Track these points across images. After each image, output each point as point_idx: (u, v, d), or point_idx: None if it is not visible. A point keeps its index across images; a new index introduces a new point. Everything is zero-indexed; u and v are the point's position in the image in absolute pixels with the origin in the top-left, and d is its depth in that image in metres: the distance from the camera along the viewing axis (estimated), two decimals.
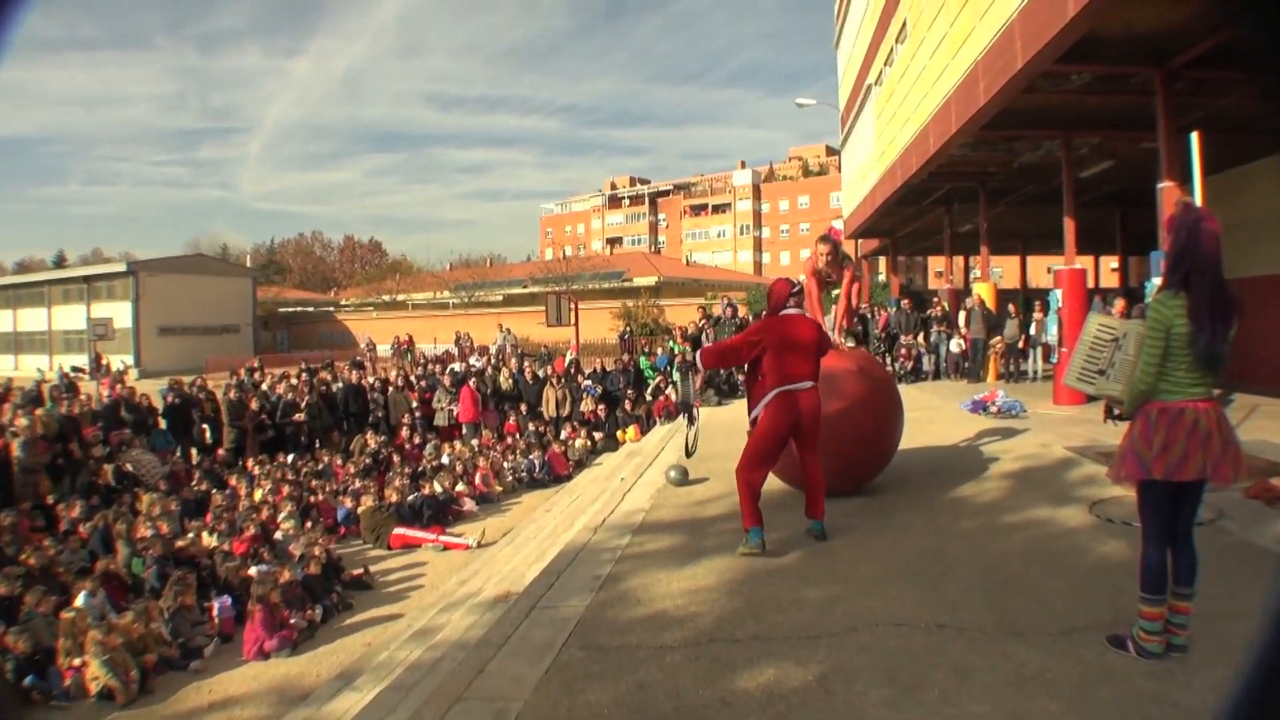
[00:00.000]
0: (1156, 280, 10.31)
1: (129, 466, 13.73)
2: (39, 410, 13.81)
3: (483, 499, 14.43)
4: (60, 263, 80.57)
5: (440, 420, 18.17)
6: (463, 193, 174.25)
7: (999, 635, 4.22)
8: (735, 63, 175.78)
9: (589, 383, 19.42)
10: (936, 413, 12.54)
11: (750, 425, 6.16)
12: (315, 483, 14.05)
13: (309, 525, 11.90)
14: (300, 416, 16.56)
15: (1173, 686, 3.62)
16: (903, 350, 18.82)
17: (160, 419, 15.67)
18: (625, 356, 21.17)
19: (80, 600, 8.45)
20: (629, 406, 18.32)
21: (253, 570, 9.71)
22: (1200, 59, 10.73)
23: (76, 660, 7.64)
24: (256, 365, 19.79)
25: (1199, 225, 3.70)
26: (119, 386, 16.54)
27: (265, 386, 17.40)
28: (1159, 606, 3.83)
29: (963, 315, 18.69)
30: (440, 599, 9.13)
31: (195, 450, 15.89)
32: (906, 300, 21.09)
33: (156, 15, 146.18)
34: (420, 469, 15.17)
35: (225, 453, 15.67)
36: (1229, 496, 5.88)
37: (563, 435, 17.85)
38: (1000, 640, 4.16)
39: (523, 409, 18.88)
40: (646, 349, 22.79)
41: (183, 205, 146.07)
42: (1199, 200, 9.36)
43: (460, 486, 14.37)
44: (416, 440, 17.19)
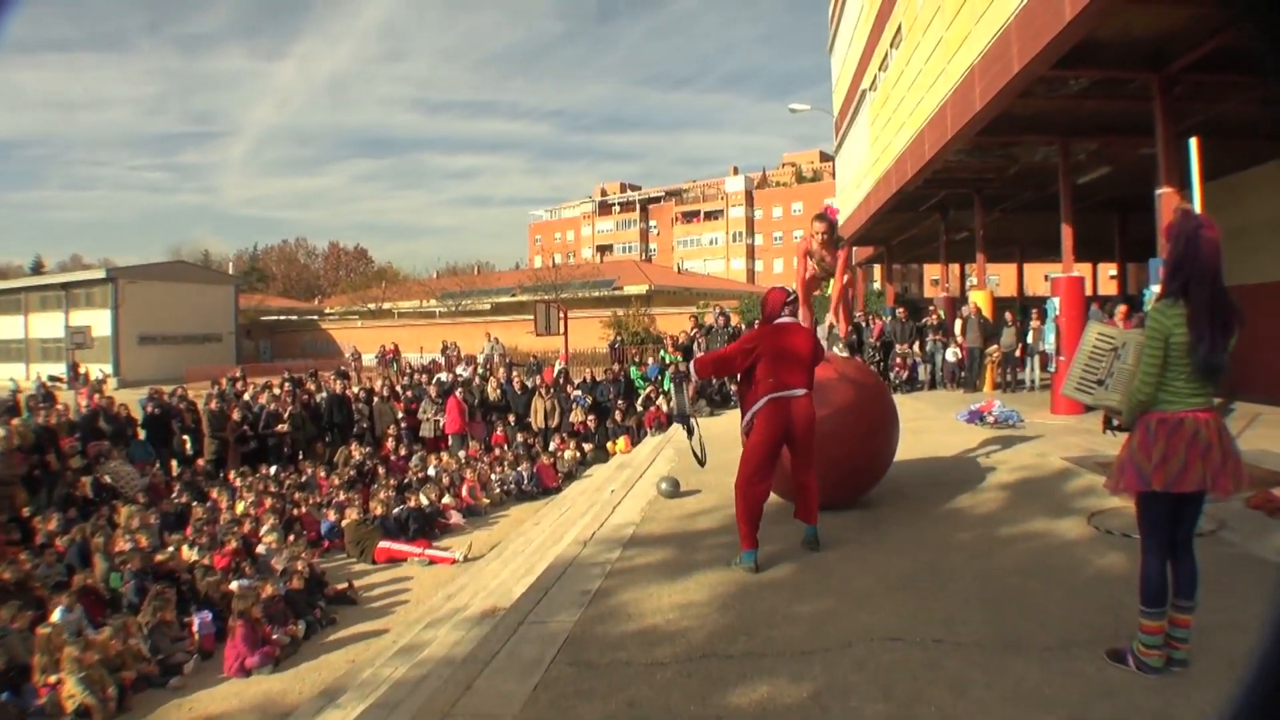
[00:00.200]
0: (1155, 288, 10.37)
1: (107, 478, 13.64)
2: (15, 421, 13.74)
3: (470, 512, 14.36)
4: (38, 269, 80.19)
5: (426, 431, 18.12)
6: (450, 199, 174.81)
7: (996, 650, 4.22)
8: (728, 67, 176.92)
9: (578, 393, 19.39)
10: (932, 423, 12.55)
11: (744, 433, 6.17)
12: (298, 495, 13.95)
13: (292, 539, 11.82)
14: (283, 427, 16.47)
15: (1174, 702, 3.62)
16: (898, 360, 18.86)
17: (139, 430, 15.58)
18: (615, 366, 21.16)
19: (56, 615, 8.38)
20: (619, 417, 18.30)
21: (234, 585, 9.63)
22: (1199, 63, 10.79)
23: (52, 677, 7.56)
24: (238, 375, 19.70)
25: (1198, 233, 3.71)
26: (97, 396, 16.50)
27: (247, 397, 17.31)
28: (1159, 620, 3.83)
29: (959, 324, 18.73)
30: (426, 614, 9.08)
31: (175, 462, 15.81)
32: (901, 309, 21.17)
33: (136, 16, 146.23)
34: (406, 481, 15.10)
35: (206, 464, 15.57)
36: (1230, 507, 5.90)
37: (551, 447, 17.80)
38: (998, 655, 4.16)
39: (510, 420, 18.84)
40: (637, 359, 22.82)
41: (163, 211, 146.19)
42: (1198, 206, 9.40)
43: (447, 499, 14.31)
44: (402, 452, 17.13)
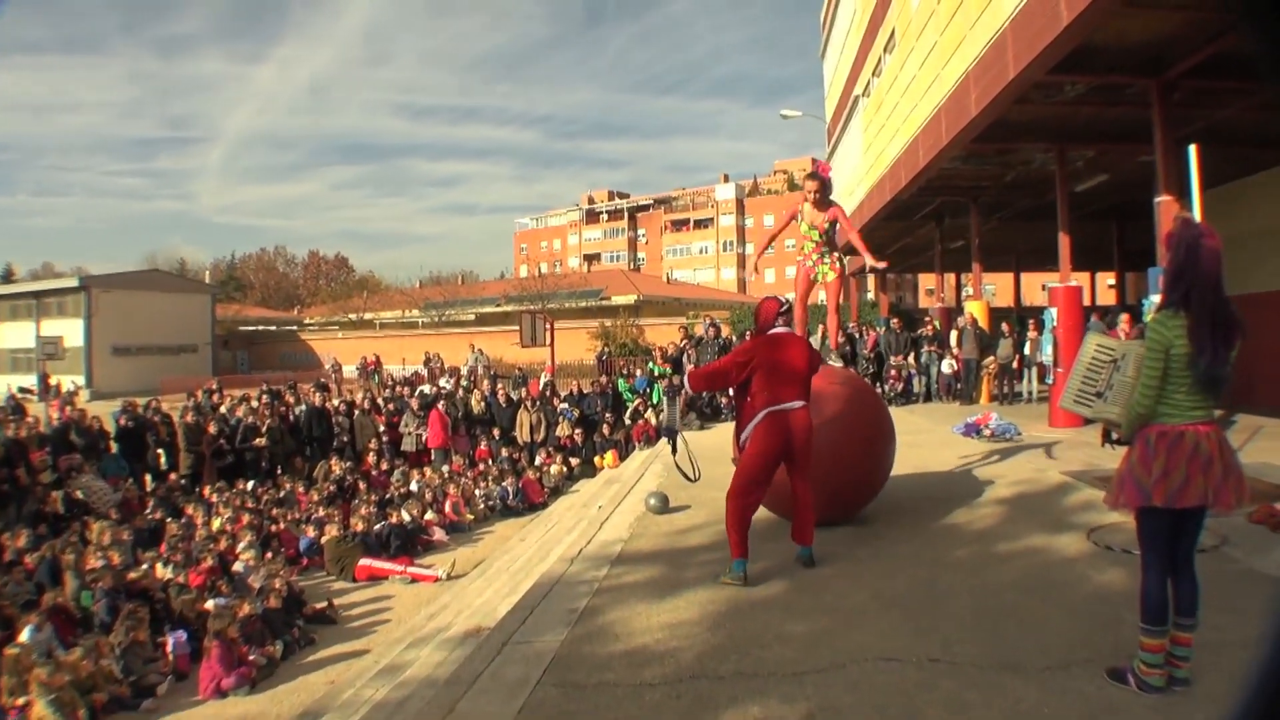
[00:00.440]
0: (1155, 297, 10.42)
1: (79, 493, 13.56)
2: None
3: (453, 528, 14.34)
4: (8, 277, 79.74)
5: (408, 445, 18.10)
6: (434, 207, 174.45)
7: (994, 670, 4.21)
8: (718, 72, 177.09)
9: (565, 406, 19.38)
10: (928, 436, 12.57)
11: (739, 449, 6.16)
12: (276, 511, 13.92)
13: (269, 556, 11.78)
14: (261, 441, 16.41)
15: None
16: (892, 371, 18.89)
17: (112, 443, 15.50)
18: (603, 378, 21.15)
19: (25, 635, 8.32)
20: (607, 431, 18.30)
21: (209, 604, 9.59)
22: (1198, 69, 10.86)
23: (20, 699, 7.50)
24: (215, 387, 19.65)
25: (1199, 242, 3.72)
26: (69, 408, 16.37)
27: (224, 409, 17.24)
28: (1160, 638, 3.83)
29: (954, 335, 18.79)
30: (408, 634, 9.04)
31: (149, 476, 15.74)
32: (896, 319, 21.18)
33: (112, 17, 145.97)
34: (387, 496, 15.06)
35: (181, 479, 15.50)
36: (1232, 522, 5.92)
37: (537, 461, 17.79)
38: (995, 675, 4.15)
39: (495, 434, 18.82)
40: (625, 370, 22.78)
41: (139, 218, 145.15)
42: (1198, 215, 9.47)
43: (429, 515, 14.30)
44: (384, 466, 17.10)
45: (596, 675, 4.49)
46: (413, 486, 15.74)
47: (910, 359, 19.29)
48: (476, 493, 15.76)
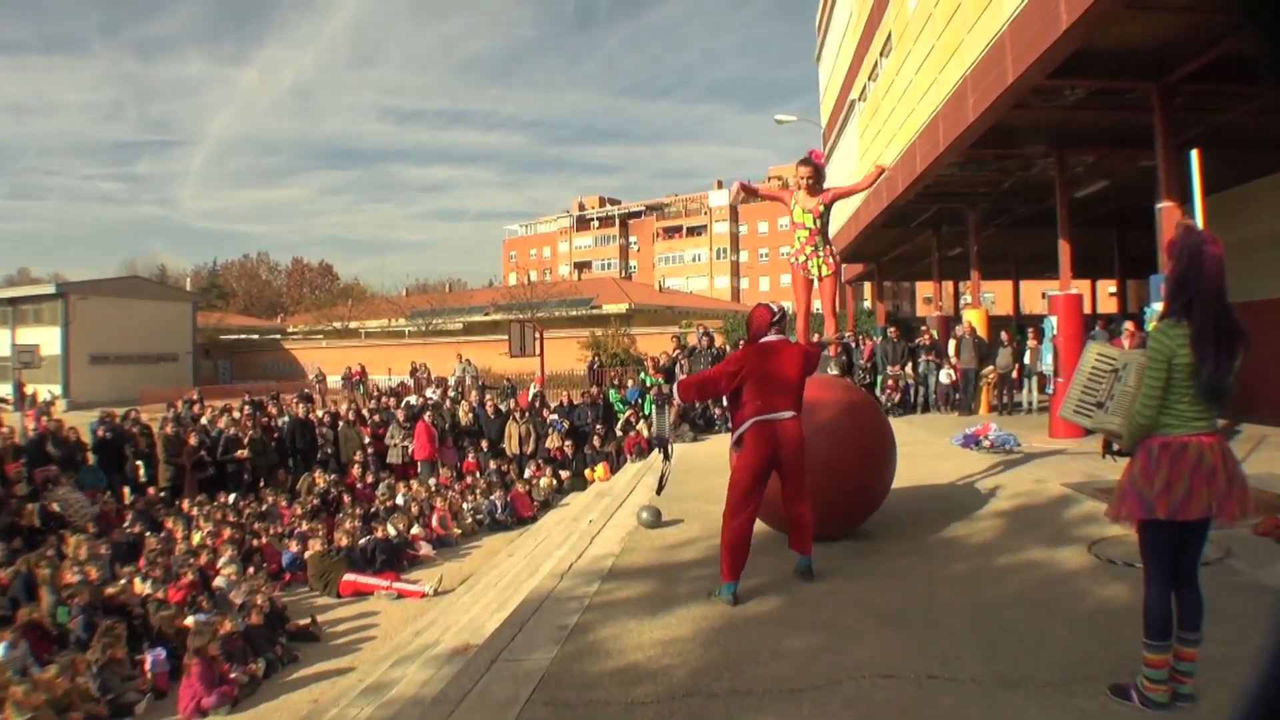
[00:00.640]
0: (1157, 305, 10.44)
1: (55, 506, 13.51)
2: None
3: (440, 543, 14.31)
4: None
5: (394, 458, 18.06)
6: (420, 213, 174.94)
7: (994, 686, 4.21)
8: (711, 77, 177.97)
9: (555, 417, 19.37)
10: (926, 448, 12.58)
11: (734, 450, 6.16)
12: (259, 525, 13.89)
13: (251, 571, 11.76)
14: (243, 453, 16.37)
15: None
16: (889, 381, 18.91)
17: (90, 455, 15.48)
18: (594, 389, 21.17)
19: (0, 653, 8.30)
20: (598, 443, 18.27)
21: (189, 620, 9.57)
22: (1200, 72, 10.90)
23: None
24: (196, 397, 19.63)
25: (1201, 249, 3.73)
26: (45, 419, 16.35)
27: (205, 420, 17.21)
28: (1164, 653, 3.83)
29: (952, 344, 18.80)
30: (394, 651, 9.01)
31: (128, 489, 15.69)
32: (893, 328, 21.22)
33: (91, 18, 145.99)
34: (373, 510, 15.02)
35: (161, 492, 15.47)
36: (1237, 534, 5.93)
37: (526, 474, 17.77)
38: (995, 692, 4.15)
39: (483, 446, 18.80)
40: (617, 381, 22.79)
41: (118, 223, 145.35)
42: (1200, 221, 9.49)
43: (416, 529, 14.26)
44: (369, 479, 17.06)
45: (587, 694, 4.48)
46: (398, 500, 15.69)
47: (908, 369, 19.33)
48: (464, 506, 15.73)
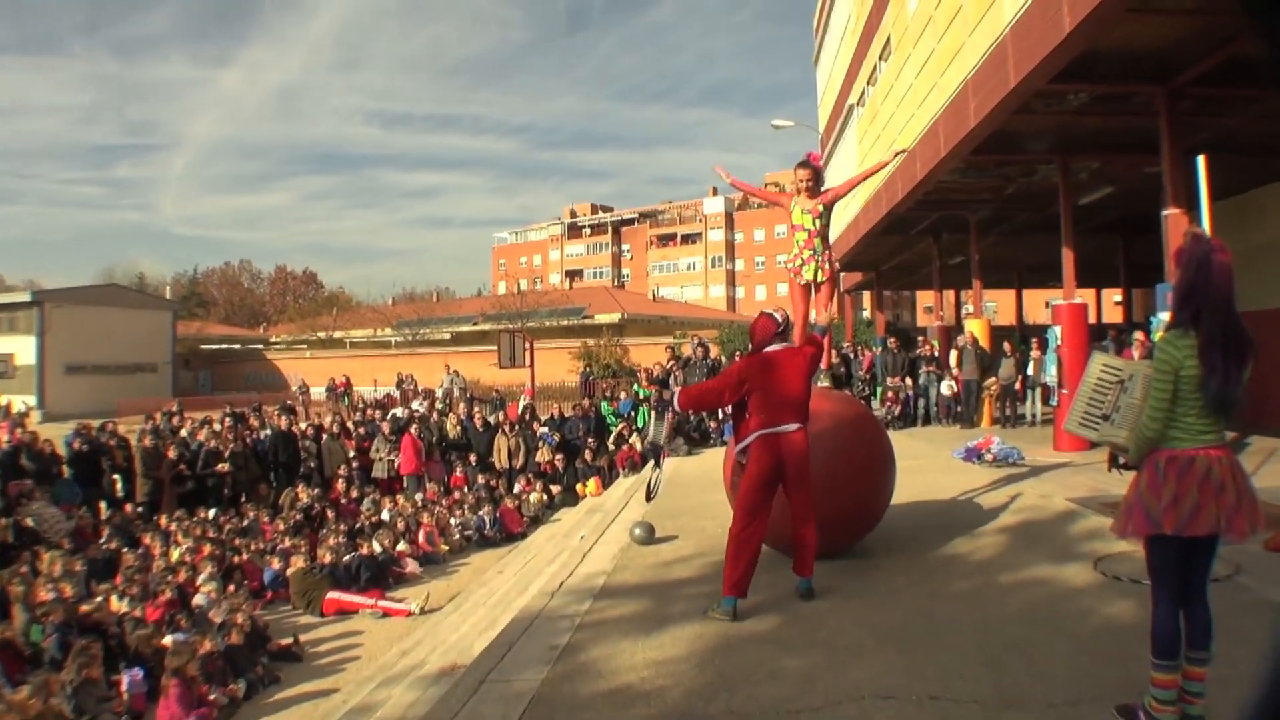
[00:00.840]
0: (1163, 315, 10.47)
1: (29, 521, 13.43)
2: None
3: (427, 560, 14.27)
4: None
5: (380, 472, 18.01)
6: (408, 219, 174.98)
7: (997, 707, 4.20)
8: (707, 80, 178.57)
9: (545, 430, 19.37)
10: (926, 462, 12.59)
11: (739, 463, 6.20)
12: (239, 541, 13.81)
13: (232, 589, 11.69)
14: (224, 467, 16.32)
15: None
16: (889, 393, 18.93)
17: (65, 468, 15.42)
18: (585, 401, 21.16)
19: None
20: (589, 457, 18.27)
21: (168, 639, 9.51)
22: (1206, 76, 10.94)
23: None
24: (175, 409, 19.55)
25: (1210, 258, 3.73)
26: (19, 431, 16.24)
27: (185, 433, 17.16)
28: (1172, 673, 3.82)
29: (954, 355, 18.84)
30: (379, 672, 8.99)
31: (104, 504, 15.65)
32: (893, 339, 21.27)
33: (69, 17, 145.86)
34: (357, 526, 14.97)
35: (138, 507, 15.40)
36: (1246, 550, 5.92)
37: (516, 489, 17.75)
38: (999, 713, 4.14)
39: (472, 460, 18.78)
40: (609, 393, 22.80)
41: (96, 229, 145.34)
42: (1207, 228, 9.53)
43: (402, 546, 14.21)
44: (353, 494, 17.02)
45: (578, 716, 4.46)
46: (384, 515, 15.64)
47: (908, 380, 19.35)
48: (452, 522, 15.70)
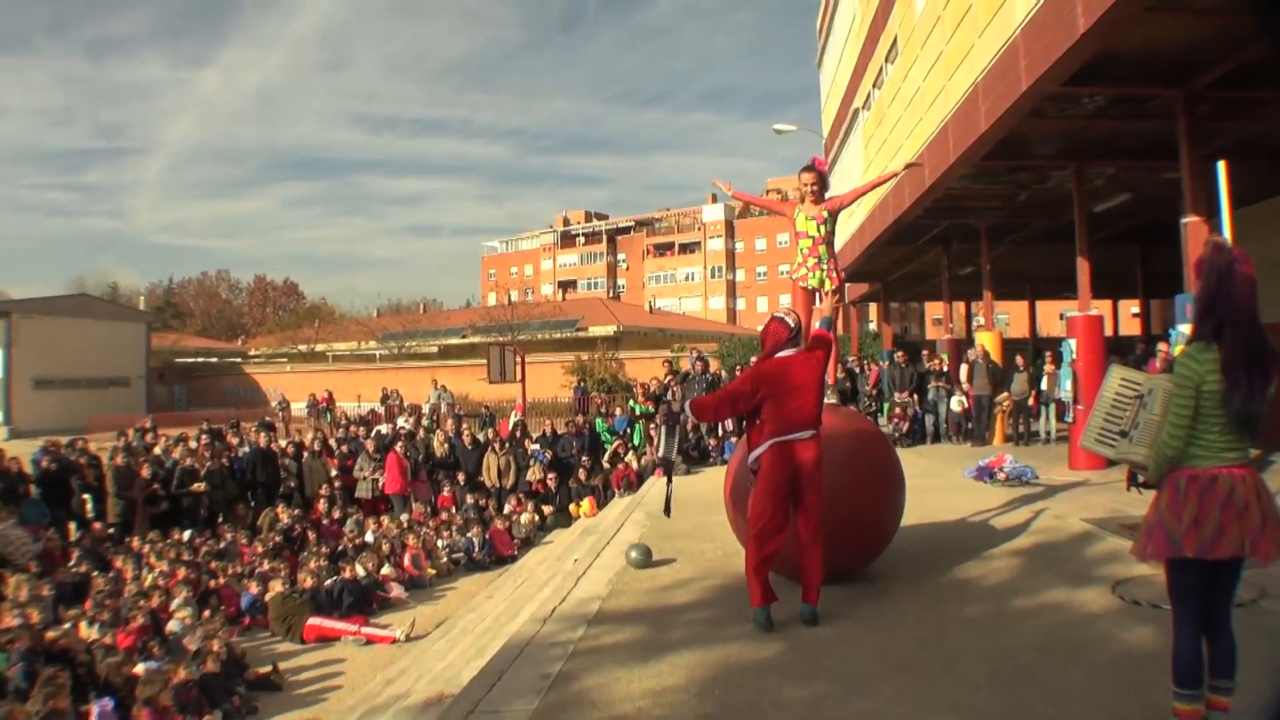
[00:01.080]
0: (1182, 327, 10.47)
1: None
2: None
3: (413, 584, 14.24)
4: None
5: (363, 491, 17.98)
6: (393, 227, 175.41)
7: None
8: (706, 83, 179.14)
9: (537, 448, 19.35)
10: (936, 481, 12.57)
11: (751, 471, 6.22)
12: (216, 564, 13.77)
13: (207, 614, 11.65)
14: (200, 486, 16.29)
15: None
16: (896, 410, 18.92)
17: (32, 487, 15.37)
18: (579, 418, 21.15)
19: None
20: (583, 476, 18.24)
21: (140, 668, 9.46)
22: (1227, 78, 10.97)
23: None
24: (149, 425, 19.56)
25: (1232, 269, 3.73)
26: None
27: (159, 450, 17.13)
28: (1194, 703, 3.81)
29: (964, 369, 18.84)
30: (362, 701, 8.97)
31: (74, 524, 15.59)
32: (900, 353, 21.28)
33: (38, 15, 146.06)
34: (340, 548, 14.93)
35: (109, 528, 15.39)
36: (1272, 574, 5.91)
37: (506, 509, 17.71)
38: None
39: (460, 479, 18.74)
40: (604, 409, 22.79)
41: (66, 236, 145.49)
42: (1228, 236, 9.55)
43: (386, 569, 14.17)
44: (335, 515, 16.96)
45: None
46: (368, 537, 15.60)
47: (916, 396, 19.34)
48: (439, 544, 15.67)
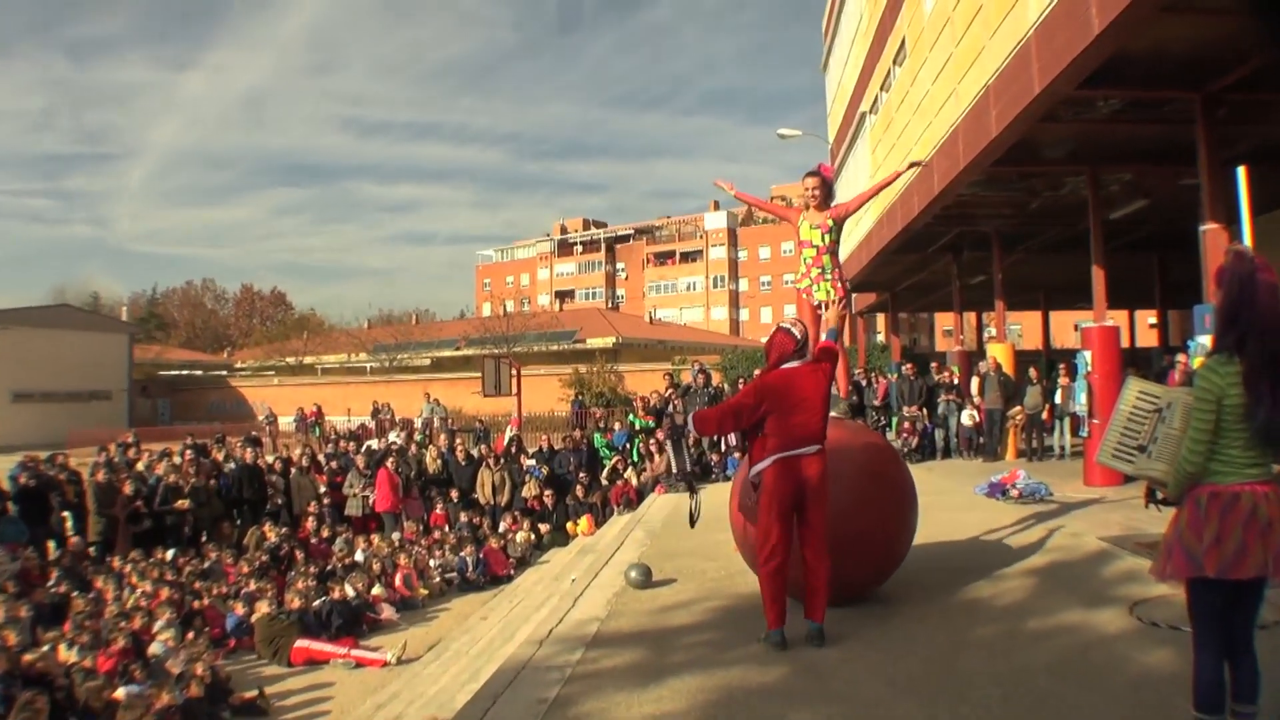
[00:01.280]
0: (1202, 339, 10.47)
1: None
2: None
3: (404, 605, 14.22)
4: None
5: (353, 509, 17.96)
6: (385, 236, 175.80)
7: None
8: (708, 86, 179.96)
9: (533, 464, 19.33)
10: (947, 498, 12.56)
11: (753, 486, 6.21)
12: (200, 584, 13.76)
13: (191, 636, 11.62)
14: (183, 504, 16.27)
15: None
16: (905, 424, 18.91)
17: (10, 504, 15.35)
18: (577, 432, 21.14)
19: None
20: (581, 493, 18.22)
21: (120, 692, 9.47)
22: (1246, 81, 10.99)
23: None
24: (131, 440, 19.57)
25: (1254, 278, 3.72)
26: None
27: (141, 466, 17.13)
28: None
29: (975, 382, 18.83)
30: None
31: (53, 543, 15.57)
32: (909, 365, 21.26)
33: (17, 16, 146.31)
34: (329, 568, 14.90)
35: (90, 547, 15.37)
36: None
37: (501, 527, 17.70)
38: None
39: (453, 496, 18.72)
40: (602, 423, 22.77)
41: (46, 244, 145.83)
42: (1249, 244, 9.56)
43: (377, 589, 14.16)
44: (324, 533, 16.94)
45: None
46: (358, 557, 15.59)
47: (925, 410, 19.32)
48: (431, 564, 15.65)
